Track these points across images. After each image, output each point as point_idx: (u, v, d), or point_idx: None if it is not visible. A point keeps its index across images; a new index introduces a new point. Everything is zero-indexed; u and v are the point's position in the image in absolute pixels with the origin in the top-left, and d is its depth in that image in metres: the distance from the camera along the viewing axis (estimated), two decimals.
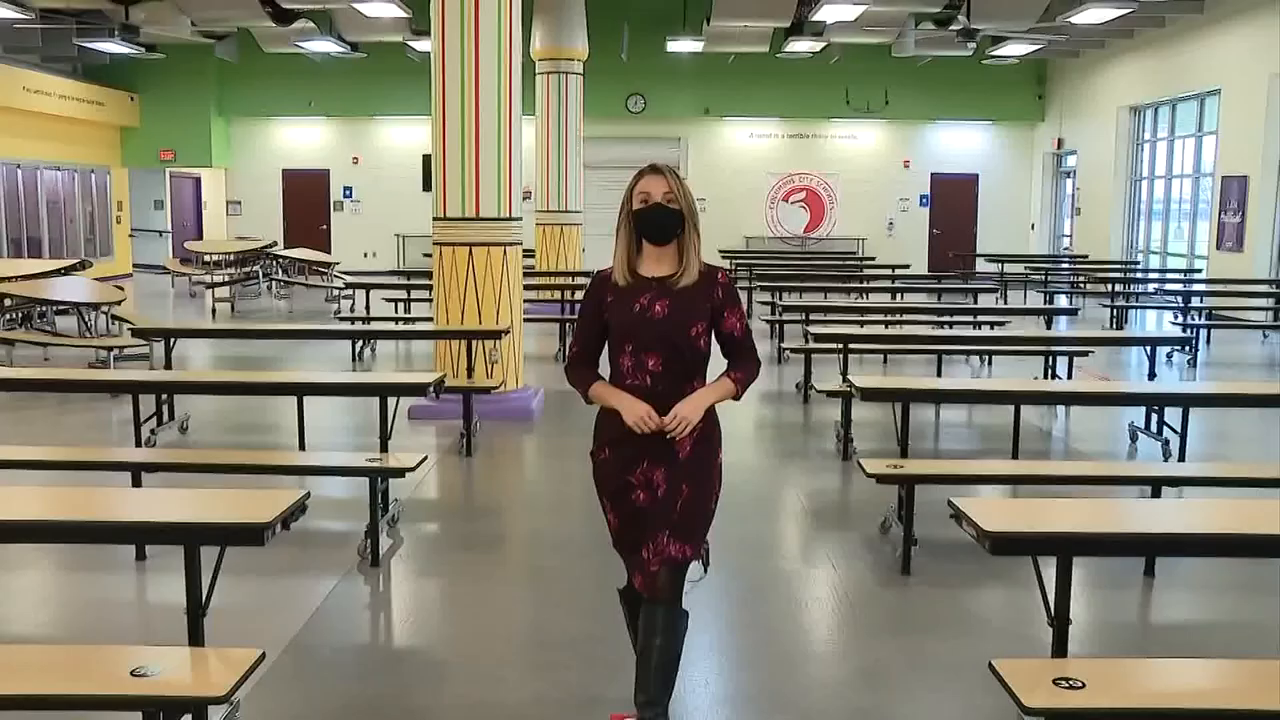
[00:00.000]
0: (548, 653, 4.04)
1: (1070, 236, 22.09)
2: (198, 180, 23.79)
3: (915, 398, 6.14)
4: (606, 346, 3.19)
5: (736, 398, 3.16)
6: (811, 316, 9.93)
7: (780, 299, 11.75)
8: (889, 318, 11.67)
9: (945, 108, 22.39)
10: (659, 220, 3.10)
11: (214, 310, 15.50)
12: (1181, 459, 6.33)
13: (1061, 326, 11.89)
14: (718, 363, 3.23)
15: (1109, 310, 14.05)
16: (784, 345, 10.71)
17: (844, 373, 7.73)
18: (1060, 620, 3.03)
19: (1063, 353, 9.21)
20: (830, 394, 7.38)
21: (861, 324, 11.16)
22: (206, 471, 5.34)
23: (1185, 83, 17.26)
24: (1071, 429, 8.27)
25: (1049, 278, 17.57)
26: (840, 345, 8.36)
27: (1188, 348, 11.37)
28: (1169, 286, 14.08)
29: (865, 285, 14.63)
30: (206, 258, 17.89)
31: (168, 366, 7.85)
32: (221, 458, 5.95)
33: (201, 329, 11.42)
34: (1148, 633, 4.49)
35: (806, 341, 8.69)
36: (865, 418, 7.66)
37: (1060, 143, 22.08)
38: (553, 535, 5.60)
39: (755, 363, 3.21)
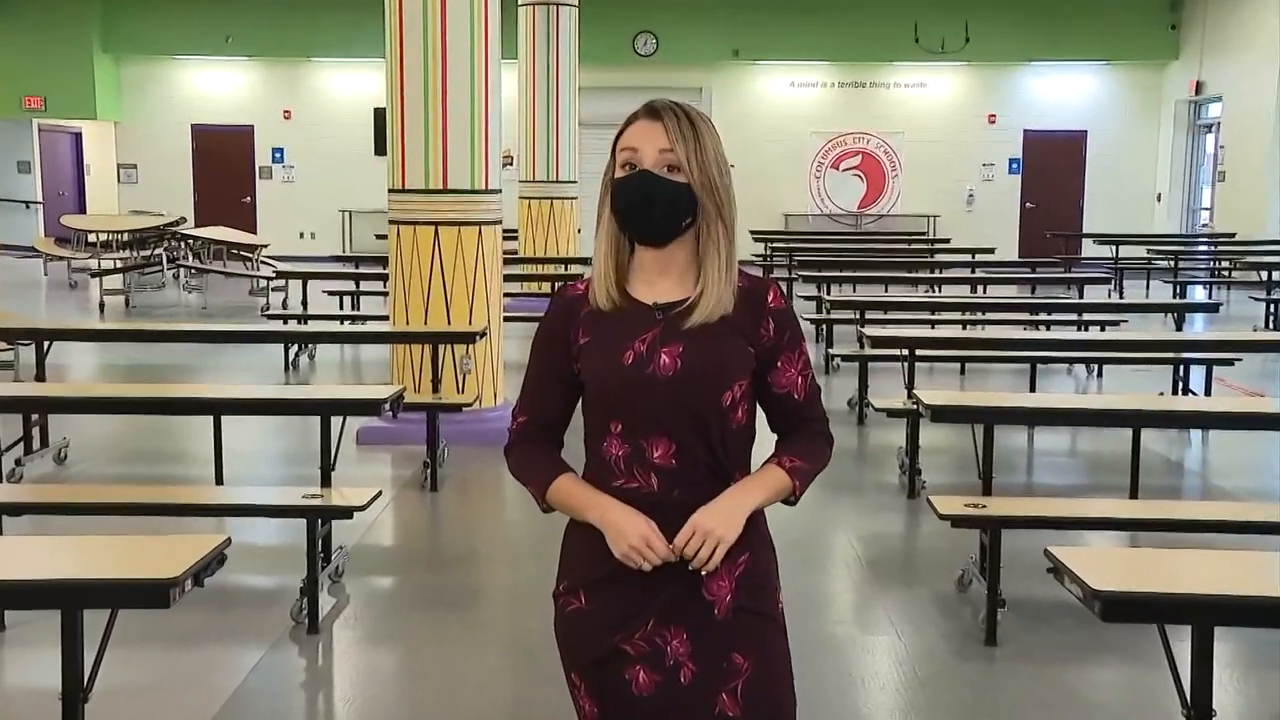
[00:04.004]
0: None
1: (1210, 210, 22.01)
2: (77, 136, 23.92)
3: (1002, 418, 6.13)
4: (583, 416, 2.45)
5: (794, 499, 2.42)
6: (868, 314, 9.91)
7: (828, 292, 11.74)
8: (968, 316, 11.64)
9: (1044, 46, 22.37)
10: (646, 202, 2.31)
11: (102, 305, 15.54)
12: None
13: (1197, 326, 11.87)
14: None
15: (1263, 305, 13.99)
16: (833, 351, 10.69)
17: (910, 386, 7.71)
18: (1200, 710, 3.01)
19: (1199, 361, 9.18)
20: (892, 413, 7.39)
21: (932, 324, 11.17)
22: (92, 513, 5.32)
23: None
24: (1210, 460, 8.25)
25: (1180, 264, 17.50)
26: (905, 351, 8.34)
27: None
28: None
29: (937, 275, 14.60)
30: (92, 237, 17.93)
31: (40, 378, 7.83)
32: (112, 495, 5.93)
33: (85, 329, 11.40)
34: None
35: (862, 346, 8.69)
36: (937, 443, 7.67)
37: (1199, 87, 21.96)
38: (539, 591, 5.50)
39: (825, 440, 2.48)
